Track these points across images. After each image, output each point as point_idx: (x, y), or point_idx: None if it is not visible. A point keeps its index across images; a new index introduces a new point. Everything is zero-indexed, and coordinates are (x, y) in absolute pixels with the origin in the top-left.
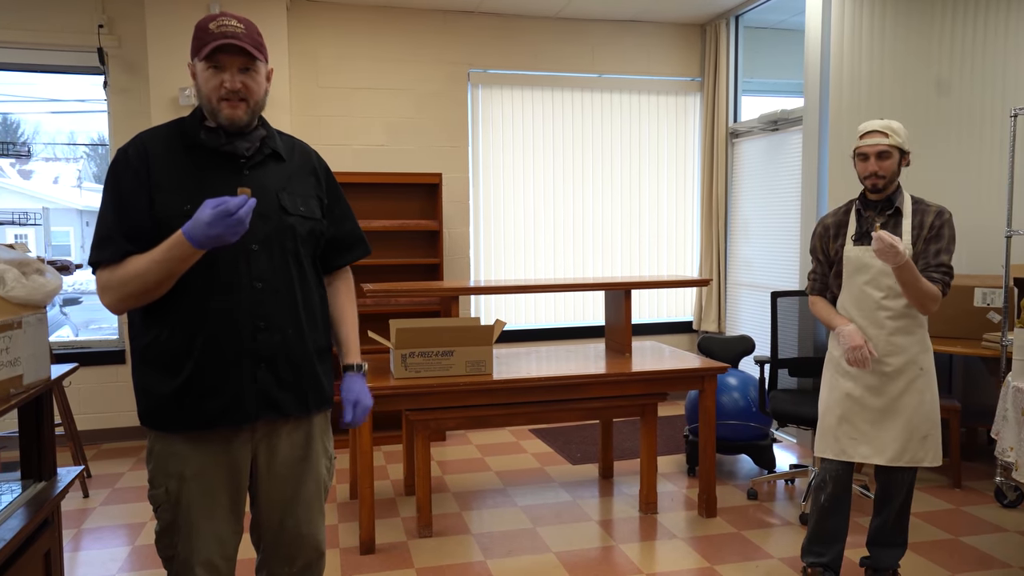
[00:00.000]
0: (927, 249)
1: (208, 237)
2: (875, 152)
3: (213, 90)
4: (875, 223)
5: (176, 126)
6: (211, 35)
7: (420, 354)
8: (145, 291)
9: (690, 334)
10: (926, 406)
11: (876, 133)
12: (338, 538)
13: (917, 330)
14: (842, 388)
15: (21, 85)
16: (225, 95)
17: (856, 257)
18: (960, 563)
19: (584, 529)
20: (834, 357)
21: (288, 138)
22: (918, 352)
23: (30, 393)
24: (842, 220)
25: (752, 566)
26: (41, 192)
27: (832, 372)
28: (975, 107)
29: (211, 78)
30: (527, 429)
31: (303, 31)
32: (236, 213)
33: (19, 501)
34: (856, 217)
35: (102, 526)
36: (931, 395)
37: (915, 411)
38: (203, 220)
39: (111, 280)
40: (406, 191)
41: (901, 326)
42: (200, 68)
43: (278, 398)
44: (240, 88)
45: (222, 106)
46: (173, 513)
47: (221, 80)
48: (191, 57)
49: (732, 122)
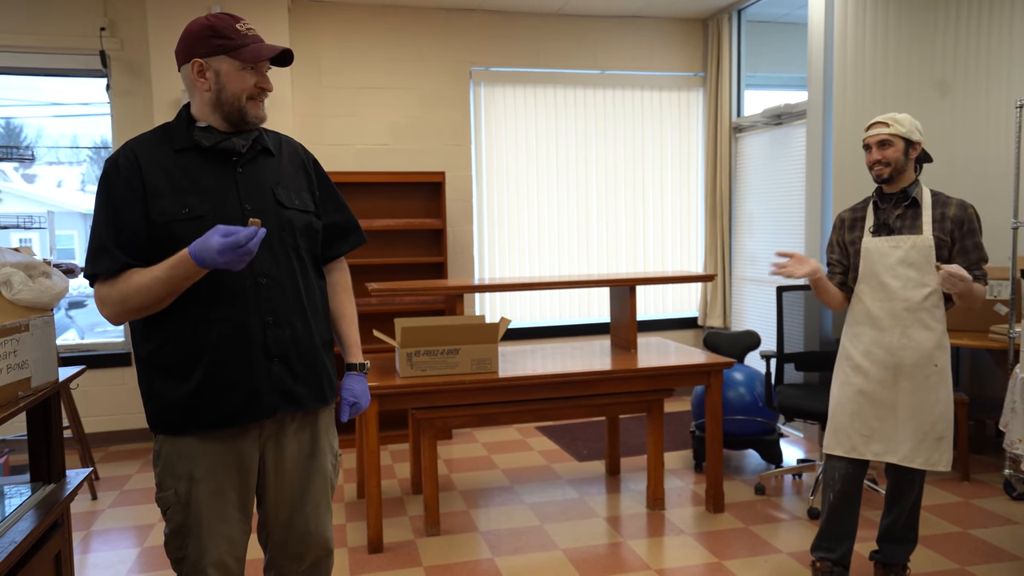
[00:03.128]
0: (964, 246)
1: (216, 263)
2: (876, 141)
3: (244, 90)
4: (892, 212)
5: (163, 131)
6: (247, 38)
7: (426, 353)
8: (146, 306)
9: (695, 330)
10: (941, 406)
11: (878, 124)
12: (346, 537)
13: (935, 325)
14: (854, 384)
15: (24, 89)
16: (256, 95)
17: (874, 248)
18: (969, 556)
19: (592, 526)
20: (846, 352)
21: (274, 134)
22: (933, 348)
23: (38, 396)
24: (859, 214)
25: (760, 561)
26: (45, 196)
27: (844, 368)
28: (980, 98)
29: (246, 78)
30: (533, 426)
31: (305, 31)
32: (246, 245)
33: (29, 503)
34: (873, 209)
35: (111, 528)
36: (946, 394)
37: (929, 409)
38: (213, 247)
39: (110, 294)
40: (410, 190)
41: (919, 319)
42: (230, 68)
43: (294, 391)
44: (272, 88)
45: (250, 105)
46: (184, 515)
47: (256, 81)
48: (209, 54)
49: (735, 117)
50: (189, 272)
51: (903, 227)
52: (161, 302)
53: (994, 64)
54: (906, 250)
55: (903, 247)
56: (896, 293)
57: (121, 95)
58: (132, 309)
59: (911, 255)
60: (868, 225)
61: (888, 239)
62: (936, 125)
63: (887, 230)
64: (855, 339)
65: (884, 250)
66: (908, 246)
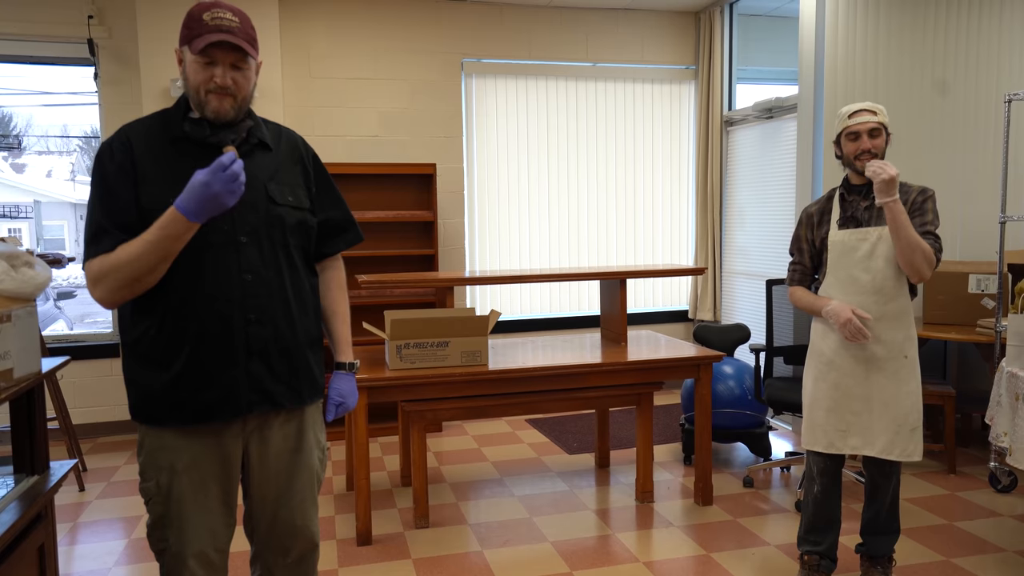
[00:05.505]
0: (912, 222)
1: (205, 199)
2: (867, 130)
3: (202, 83)
4: (860, 204)
5: (160, 118)
6: (205, 27)
7: (415, 345)
8: (138, 277)
9: (685, 323)
10: (913, 396)
11: (865, 111)
12: (335, 529)
13: (903, 317)
14: (828, 379)
15: (12, 78)
16: (214, 88)
17: (842, 241)
18: (955, 548)
19: (581, 518)
20: (817, 348)
21: (275, 126)
22: (903, 340)
23: (21, 387)
24: (825, 207)
25: (748, 553)
26: (34, 185)
27: (816, 363)
28: (969, 93)
29: (201, 71)
30: (523, 419)
31: (295, 21)
32: (230, 168)
33: (11, 495)
34: (840, 202)
35: (98, 520)
36: (916, 384)
37: (903, 401)
38: (198, 181)
39: (103, 267)
40: (400, 182)
41: (888, 311)
42: (190, 59)
43: (272, 390)
44: (231, 84)
45: (209, 99)
46: (165, 506)
47: (211, 74)
48: (180, 44)
49: (727, 110)
50: (179, 229)
51: (871, 218)
52: (152, 271)
53: (984, 58)
54: (873, 242)
55: (871, 239)
56: (865, 286)
57: (109, 84)
58: (124, 282)
59: (879, 247)
60: (835, 218)
61: (856, 231)
62: (926, 119)
63: (855, 222)
64: (826, 334)
65: (852, 243)
66: (875, 238)
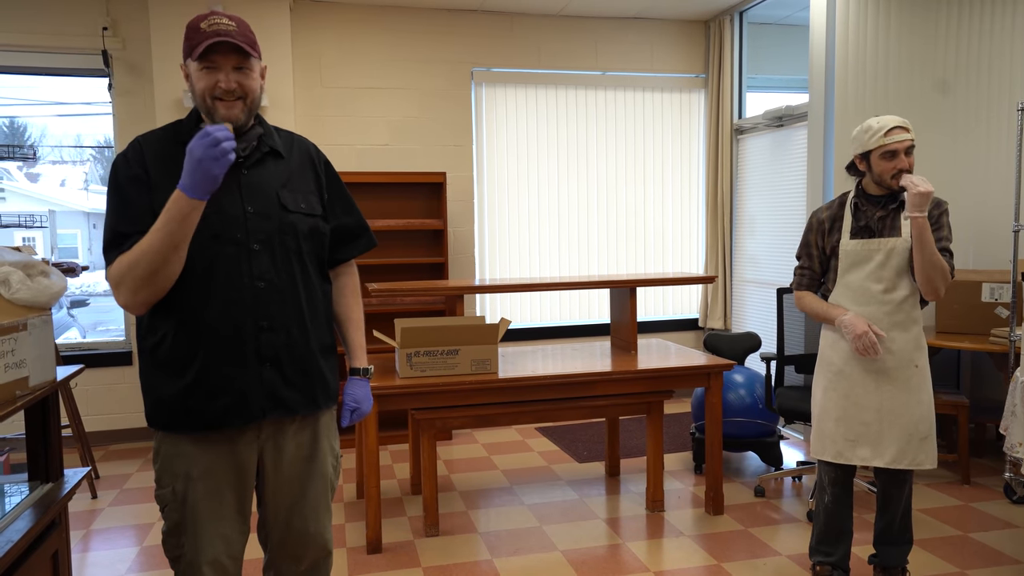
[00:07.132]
0: (938, 224)
1: (192, 168)
2: (904, 148)
3: (208, 90)
4: (874, 214)
5: (172, 128)
6: (203, 34)
7: (425, 353)
8: (154, 270)
9: (696, 331)
10: (924, 406)
11: (900, 129)
12: (345, 537)
13: (912, 326)
14: (838, 389)
15: (27, 88)
16: (220, 94)
17: (855, 251)
18: (969, 559)
19: (591, 527)
20: (827, 358)
21: (287, 134)
22: (913, 349)
23: (36, 395)
24: (837, 214)
25: (760, 563)
26: (48, 195)
27: (826, 373)
28: (981, 101)
29: (205, 77)
30: (533, 428)
31: (307, 31)
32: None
33: (26, 503)
34: (853, 211)
35: (111, 527)
36: (927, 394)
37: (913, 410)
38: (193, 156)
39: (120, 268)
40: (410, 190)
41: (898, 321)
42: (194, 68)
43: (285, 396)
44: (236, 87)
45: (217, 106)
46: (180, 513)
47: (216, 80)
48: (184, 59)
49: (737, 118)
50: (183, 209)
51: (883, 229)
52: (167, 262)
53: (996, 66)
54: (886, 253)
55: (883, 250)
56: (875, 296)
57: (123, 95)
58: (142, 279)
59: (891, 258)
60: (847, 226)
61: (869, 242)
62: (937, 127)
63: (868, 232)
64: (836, 344)
65: (864, 253)
66: (888, 249)
